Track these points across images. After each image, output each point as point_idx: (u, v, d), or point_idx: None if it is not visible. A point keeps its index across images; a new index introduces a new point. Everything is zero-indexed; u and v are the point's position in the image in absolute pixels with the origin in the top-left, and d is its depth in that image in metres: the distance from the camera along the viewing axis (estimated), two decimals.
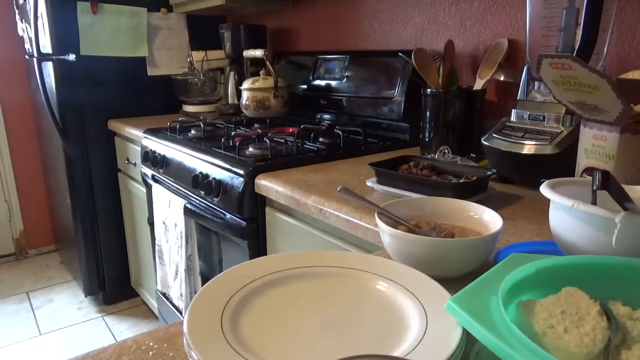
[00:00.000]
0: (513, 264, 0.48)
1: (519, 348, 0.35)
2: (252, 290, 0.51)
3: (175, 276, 1.57)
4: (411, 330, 0.44)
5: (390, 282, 0.53)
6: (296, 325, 0.46)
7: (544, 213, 0.60)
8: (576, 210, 0.52)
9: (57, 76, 2.02)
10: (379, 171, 1.00)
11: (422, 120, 1.26)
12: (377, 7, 1.65)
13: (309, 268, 0.56)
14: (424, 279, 0.52)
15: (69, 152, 2.08)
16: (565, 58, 0.67)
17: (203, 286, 0.50)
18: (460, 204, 0.68)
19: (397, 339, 0.44)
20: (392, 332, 0.45)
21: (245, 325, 0.45)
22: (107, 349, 0.47)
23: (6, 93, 2.68)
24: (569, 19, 0.92)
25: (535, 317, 0.41)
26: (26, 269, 2.74)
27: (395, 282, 0.52)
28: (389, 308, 0.49)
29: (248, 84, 1.75)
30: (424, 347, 0.41)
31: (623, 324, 0.42)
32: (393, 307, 0.49)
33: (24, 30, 2.26)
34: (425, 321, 0.45)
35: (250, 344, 0.42)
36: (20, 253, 2.88)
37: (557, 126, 0.96)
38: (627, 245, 0.50)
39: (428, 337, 0.42)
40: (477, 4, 1.34)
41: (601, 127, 0.73)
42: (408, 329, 0.45)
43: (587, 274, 0.47)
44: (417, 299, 0.49)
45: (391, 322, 0.47)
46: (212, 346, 0.41)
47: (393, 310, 0.49)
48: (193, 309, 0.46)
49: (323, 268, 0.56)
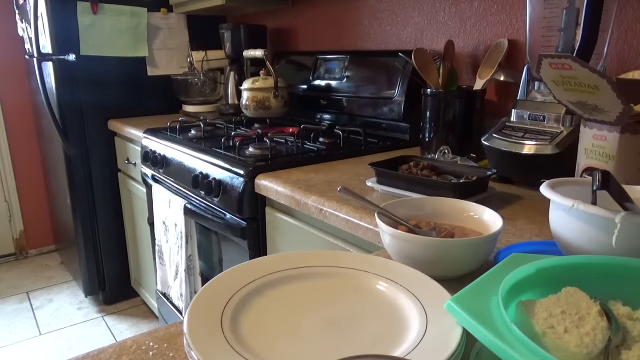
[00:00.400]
0: (513, 264, 0.48)
1: (519, 348, 0.35)
2: (252, 290, 0.51)
3: (175, 276, 1.58)
4: (411, 330, 0.44)
5: (390, 282, 0.53)
6: (296, 325, 0.46)
7: (544, 213, 0.60)
8: (576, 210, 0.52)
9: (57, 76, 2.02)
10: (379, 171, 1.00)
11: (422, 120, 1.27)
12: (377, 7, 1.65)
13: (309, 268, 0.56)
14: (424, 279, 0.52)
15: (69, 152, 2.08)
16: (565, 58, 0.67)
17: (203, 286, 0.50)
18: (460, 204, 0.68)
19: (397, 339, 0.44)
20: (392, 332, 0.45)
21: (245, 325, 0.45)
22: (107, 349, 0.47)
23: (6, 93, 2.68)
24: (569, 19, 0.92)
25: (535, 317, 0.41)
26: (26, 269, 2.74)
27: (396, 282, 0.52)
28: (389, 308, 0.49)
29: (248, 84, 1.75)
30: (423, 347, 0.41)
31: (623, 324, 0.42)
32: (393, 307, 0.49)
33: (24, 30, 2.26)
34: (425, 321, 0.45)
35: (250, 344, 0.43)
36: (20, 253, 2.88)
37: (557, 126, 0.96)
38: (627, 245, 0.50)
39: (428, 337, 0.42)
40: (477, 4, 1.34)
41: (601, 127, 0.73)
42: (408, 329, 0.45)
43: (587, 274, 0.47)
44: (417, 299, 0.49)
45: (391, 322, 0.47)
46: (212, 346, 0.41)
47: (393, 310, 0.49)
48: (193, 309, 0.46)
49: (323, 268, 0.56)
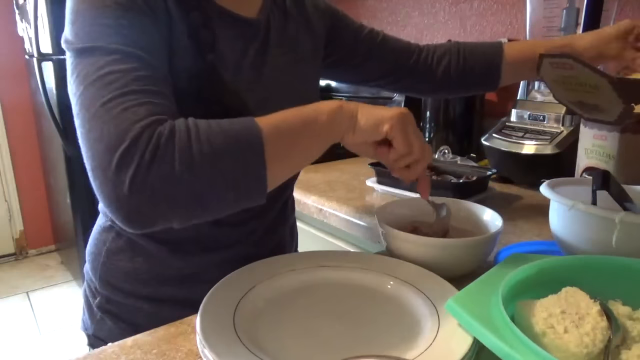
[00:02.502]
0: (513, 264, 0.48)
1: (519, 348, 0.35)
2: (264, 290, 0.51)
3: None
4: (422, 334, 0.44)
5: (404, 283, 0.52)
6: (309, 324, 0.46)
7: (544, 213, 0.60)
8: (576, 210, 0.52)
9: (57, 76, 2.01)
10: (379, 171, 1.00)
11: (422, 120, 1.26)
12: (377, 7, 1.65)
13: (321, 268, 0.56)
14: (437, 279, 0.52)
15: (69, 152, 2.07)
16: (566, 58, 0.67)
17: (214, 286, 0.50)
18: (460, 204, 0.68)
19: (410, 339, 0.43)
20: (405, 332, 0.45)
21: (257, 324, 0.46)
22: (107, 349, 0.47)
23: (6, 93, 2.68)
24: (569, 19, 0.92)
25: (535, 317, 0.41)
26: (26, 269, 2.74)
27: (410, 284, 0.52)
28: (401, 309, 0.49)
29: None
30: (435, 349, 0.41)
31: (623, 324, 0.42)
32: (405, 307, 0.49)
33: (24, 30, 2.26)
34: (437, 322, 0.45)
35: (263, 344, 0.43)
36: (20, 253, 2.88)
37: (557, 126, 0.96)
38: (627, 245, 0.50)
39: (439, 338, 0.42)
40: (477, 4, 1.34)
41: (601, 127, 0.73)
42: (420, 333, 0.44)
43: (587, 274, 0.47)
44: (429, 299, 0.49)
45: (404, 324, 0.46)
46: (225, 345, 0.41)
47: (406, 312, 0.48)
48: (205, 308, 0.46)
49: (328, 268, 0.56)
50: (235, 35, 0.59)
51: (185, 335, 0.48)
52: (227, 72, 0.57)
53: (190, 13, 0.54)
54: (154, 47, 0.49)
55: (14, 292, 2.49)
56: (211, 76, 0.55)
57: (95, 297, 0.68)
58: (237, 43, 0.59)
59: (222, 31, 0.57)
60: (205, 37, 0.55)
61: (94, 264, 0.67)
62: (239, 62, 0.59)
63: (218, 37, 0.57)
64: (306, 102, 0.52)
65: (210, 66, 0.55)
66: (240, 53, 0.59)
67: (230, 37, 0.58)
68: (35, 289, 2.52)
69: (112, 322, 0.67)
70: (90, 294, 0.69)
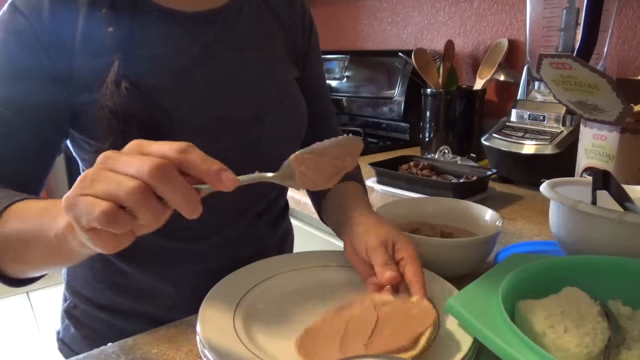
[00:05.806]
0: (513, 264, 0.48)
1: (519, 348, 0.35)
2: (264, 290, 0.51)
3: None
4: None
5: None
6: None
7: (544, 213, 0.60)
8: (576, 210, 0.52)
9: None
10: (379, 171, 1.00)
11: (422, 120, 1.27)
12: (377, 7, 1.65)
13: (323, 267, 0.56)
14: (438, 280, 0.52)
15: (69, 152, 2.07)
16: (566, 58, 0.67)
17: (214, 285, 0.50)
18: (460, 204, 0.68)
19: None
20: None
21: (258, 324, 0.46)
22: (107, 349, 0.47)
23: None
24: (569, 19, 0.92)
25: (535, 317, 0.41)
26: None
27: None
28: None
29: None
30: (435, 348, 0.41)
31: (623, 324, 0.42)
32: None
33: None
34: None
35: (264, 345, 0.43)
36: None
37: (557, 126, 0.96)
38: (627, 245, 0.50)
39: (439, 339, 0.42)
40: (477, 4, 1.34)
41: (601, 126, 0.73)
42: None
43: (587, 274, 0.47)
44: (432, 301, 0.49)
45: None
46: (226, 345, 0.41)
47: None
48: (205, 308, 0.46)
49: (328, 268, 0.56)
50: (177, 33, 0.56)
51: (185, 335, 0.48)
52: (152, 74, 0.54)
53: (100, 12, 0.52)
54: (25, 93, 0.49)
55: (14, 292, 2.49)
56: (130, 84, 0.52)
57: (65, 301, 0.68)
58: (177, 42, 0.56)
59: (154, 31, 0.55)
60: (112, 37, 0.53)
61: None
62: (172, 61, 0.56)
63: (150, 37, 0.55)
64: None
65: None
66: (180, 53, 0.56)
67: (167, 37, 0.56)
68: (35, 289, 2.52)
69: (74, 328, 0.67)
70: (63, 297, 0.69)
